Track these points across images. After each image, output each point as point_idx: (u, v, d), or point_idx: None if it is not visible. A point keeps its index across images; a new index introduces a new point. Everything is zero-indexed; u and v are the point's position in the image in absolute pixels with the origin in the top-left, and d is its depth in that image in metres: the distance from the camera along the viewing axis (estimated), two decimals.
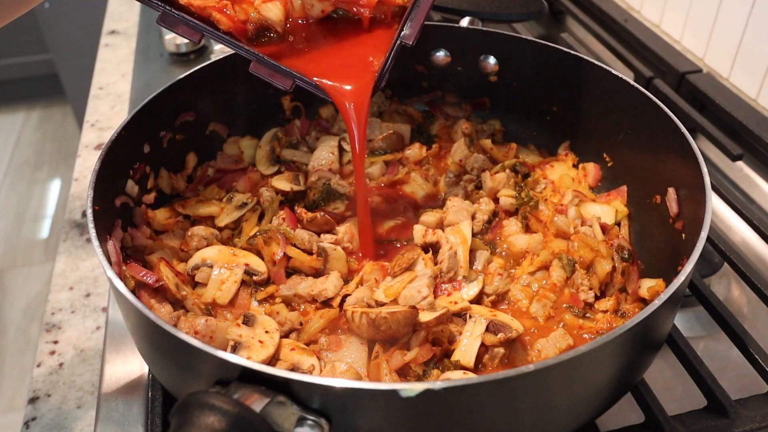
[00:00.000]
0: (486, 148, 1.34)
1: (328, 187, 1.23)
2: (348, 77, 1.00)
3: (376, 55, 1.01)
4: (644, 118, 1.12)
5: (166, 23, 0.96)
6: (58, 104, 4.67)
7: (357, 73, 1.00)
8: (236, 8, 0.98)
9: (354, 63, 1.02)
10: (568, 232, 1.15)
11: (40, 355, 1.10)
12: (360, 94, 1.00)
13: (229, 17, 0.97)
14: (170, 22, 0.96)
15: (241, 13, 0.98)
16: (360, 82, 1.00)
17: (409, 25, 0.98)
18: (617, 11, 1.82)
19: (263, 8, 0.99)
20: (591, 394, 0.82)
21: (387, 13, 1.03)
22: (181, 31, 0.96)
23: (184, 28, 0.96)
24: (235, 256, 1.08)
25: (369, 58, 1.01)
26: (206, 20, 0.97)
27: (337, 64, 1.01)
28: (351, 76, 1.00)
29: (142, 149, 1.13)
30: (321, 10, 1.02)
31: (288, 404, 0.67)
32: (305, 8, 1.01)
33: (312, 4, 1.01)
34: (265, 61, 0.98)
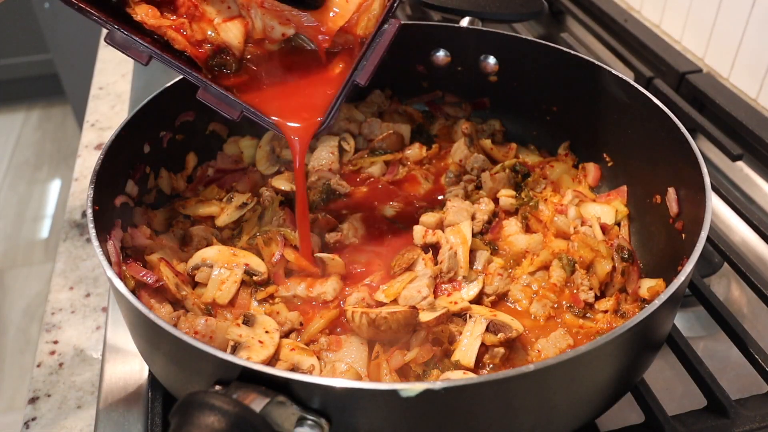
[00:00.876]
0: (486, 148, 1.34)
1: (328, 187, 1.23)
2: (295, 116, 1.00)
3: (327, 91, 1.00)
4: (644, 118, 1.12)
5: (114, 43, 0.91)
6: (58, 104, 4.67)
7: (304, 113, 1.00)
8: (194, 27, 0.95)
9: (303, 101, 1.01)
10: (568, 232, 1.15)
11: (40, 355, 1.10)
12: (304, 132, 1.00)
13: (186, 37, 0.94)
14: (118, 42, 0.91)
15: (198, 33, 0.95)
16: (307, 122, 0.99)
17: (363, 65, 0.97)
18: (617, 11, 1.82)
19: (222, 28, 0.96)
20: (591, 394, 0.82)
21: (345, 46, 1.02)
22: (130, 53, 0.92)
23: (132, 50, 0.91)
24: (235, 256, 1.08)
25: (319, 94, 1.00)
26: (159, 40, 0.94)
27: (286, 100, 1.01)
28: (298, 115, 1.00)
29: (142, 149, 1.13)
30: (282, 33, 0.99)
31: (288, 404, 0.68)
32: (266, 31, 0.99)
33: (273, 27, 0.98)
34: (213, 89, 0.95)
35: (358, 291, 1.05)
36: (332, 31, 0.99)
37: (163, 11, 0.94)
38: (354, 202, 1.25)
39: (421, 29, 1.35)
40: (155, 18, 0.93)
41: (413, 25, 1.35)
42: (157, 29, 0.93)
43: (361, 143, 1.38)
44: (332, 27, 0.98)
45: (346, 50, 1.02)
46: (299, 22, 0.99)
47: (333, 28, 0.98)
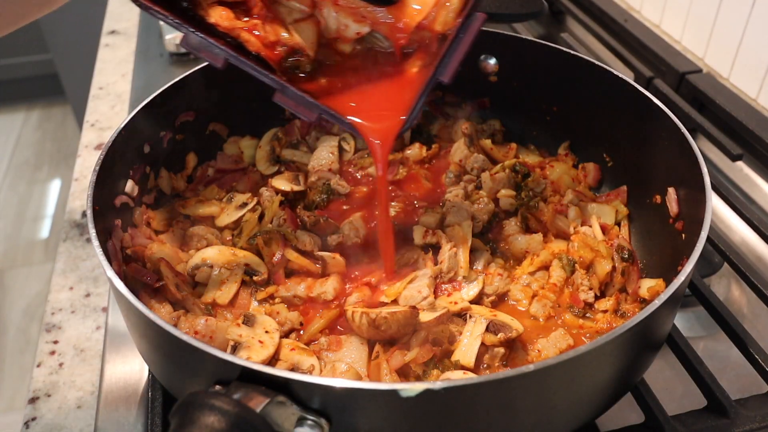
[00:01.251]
0: (486, 148, 1.34)
1: (328, 187, 1.23)
2: (376, 117, 0.95)
3: (406, 90, 0.96)
4: (644, 118, 1.12)
5: (189, 45, 0.89)
6: (58, 104, 4.67)
7: (386, 113, 0.95)
8: (267, 28, 0.93)
9: (382, 101, 0.96)
10: (568, 232, 1.15)
11: (40, 355, 1.10)
12: (387, 133, 0.95)
13: (259, 38, 0.92)
14: (194, 45, 0.89)
15: (271, 34, 0.93)
16: (389, 122, 0.95)
17: (446, 62, 0.92)
18: (617, 11, 1.82)
19: (295, 29, 0.94)
20: (591, 394, 0.82)
21: (420, 42, 0.97)
22: (204, 55, 0.90)
23: (207, 52, 0.90)
24: (235, 256, 1.08)
25: (398, 94, 0.95)
26: (231, 43, 0.91)
27: (364, 101, 0.96)
28: (380, 116, 0.95)
29: (142, 149, 1.13)
30: (356, 32, 0.96)
31: (288, 404, 0.68)
32: (339, 30, 0.96)
33: (347, 25, 0.95)
34: (291, 91, 0.92)
35: (358, 291, 1.05)
36: (410, 28, 0.95)
37: (235, 13, 0.92)
38: (354, 202, 1.25)
39: None
40: (229, 20, 0.91)
41: None
42: (231, 31, 0.91)
43: (361, 143, 1.38)
44: (410, 23, 0.95)
45: (421, 47, 0.98)
46: (375, 19, 0.95)
47: (411, 24, 0.95)
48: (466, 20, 0.92)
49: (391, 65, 0.99)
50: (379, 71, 0.99)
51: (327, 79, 0.97)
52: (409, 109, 0.93)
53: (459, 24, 0.92)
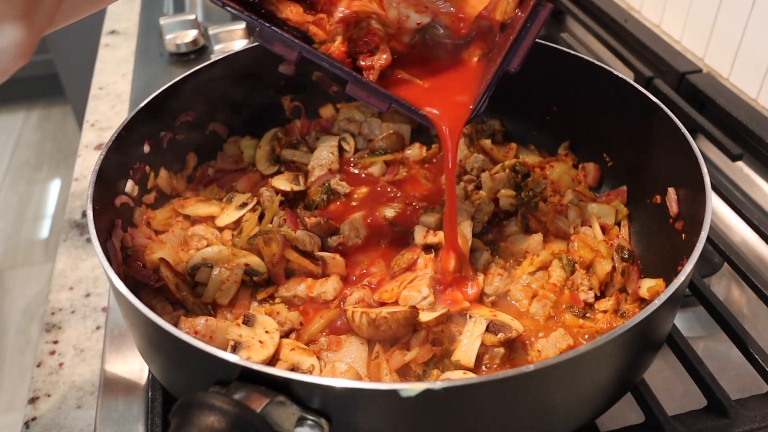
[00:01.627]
0: (486, 148, 1.34)
1: (328, 187, 1.23)
2: (443, 106, 0.97)
3: (472, 80, 0.98)
4: (644, 118, 1.12)
5: (263, 38, 0.92)
6: (58, 104, 4.67)
7: (455, 102, 0.97)
8: (332, 21, 0.95)
9: (451, 90, 0.98)
10: (568, 232, 1.15)
11: (40, 355, 1.10)
12: (456, 121, 0.97)
13: (327, 32, 0.94)
14: (267, 38, 0.92)
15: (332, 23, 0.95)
16: (458, 111, 0.96)
17: (514, 52, 0.94)
18: (617, 11, 1.82)
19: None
20: (591, 394, 0.82)
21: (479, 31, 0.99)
22: (278, 48, 0.92)
23: (280, 45, 0.92)
24: (235, 256, 1.08)
25: (467, 83, 0.98)
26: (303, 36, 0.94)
27: (431, 91, 0.98)
28: (449, 105, 0.97)
29: (142, 149, 1.13)
30: (417, 22, 0.97)
31: (288, 404, 0.68)
32: (400, 21, 0.97)
33: (408, 16, 0.96)
34: (364, 82, 0.94)
35: (358, 291, 1.05)
36: (471, 17, 0.96)
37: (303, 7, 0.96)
38: (354, 202, 1.25)
39: None
40: (299, 15, 0.93)
41: None
42: (301, 26, 0.94)
43: (361, 143, 1.38)
44: (471, 13, 0.96)
45: (479, 36, 1.00)
46: (436, 10, 0.97)
47: (472, 14, 0.96)
48: (534, 10, 0.95)
49: (450, 56, 1.01)
50: (441, 62, 1.01)
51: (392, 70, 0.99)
52: (477, 97, 0.96)
53: (527, 14, 0.94)
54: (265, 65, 1.31)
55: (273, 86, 1.36)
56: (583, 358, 0.71)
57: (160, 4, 2.16)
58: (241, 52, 1.26)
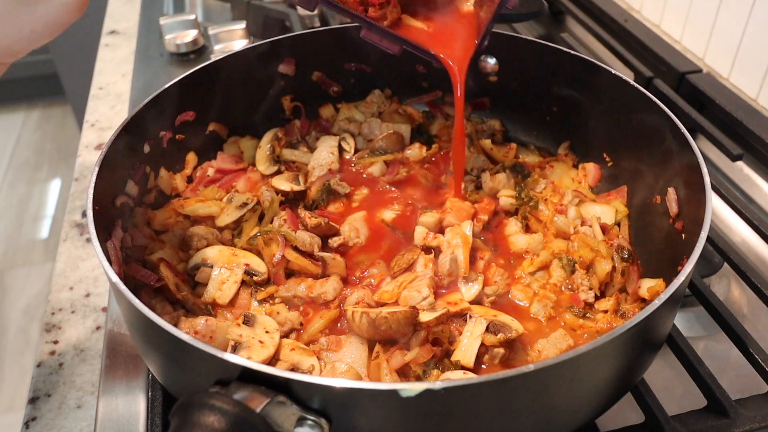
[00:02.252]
0: (486, 148, 1.34)
1: (328, 187, 1.23)
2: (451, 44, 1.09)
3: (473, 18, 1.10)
4: (644, 118, 1.12)
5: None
6: (58, 104, 4.67)
7: (459, 38, 1.10)
8: None
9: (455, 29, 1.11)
10: (568, 232, 1.15)
11: (40, 355, 1.10)
12: (463, 56, 1.09)
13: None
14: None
15: None
16: (462, 46, 1.09)
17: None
18: (617, 11, 1.82)
19: None
20: (591, 394, 0.82)
21: None
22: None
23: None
24: (235, 256, 1.08)
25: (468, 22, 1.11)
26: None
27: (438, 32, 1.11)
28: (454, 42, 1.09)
29: (142, 149, 1.13)
30: None
31: (288, 404, 0.67)
32: None
33: None
34: (377, 27, 1.05)
35: (359, 291, 1.05)
36: None
37: None
38: (354, 203, 1.25)
39: None
40: None
41: None
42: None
43: (361, 143, 1.38)
44: None
45: None
46: None
47: None
48: None
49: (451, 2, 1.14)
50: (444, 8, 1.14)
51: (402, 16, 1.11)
52: (480, 32, 1.08)
53: None
54: (265, 65, 1.31)
55: (273, 86, 1.36)
56: (583, 358, 0.71)
57: (160, 4, 2.16)
58: (241, 52, 1.26)
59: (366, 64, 1.39)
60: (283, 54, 1.33)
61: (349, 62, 1.39)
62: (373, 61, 1.39)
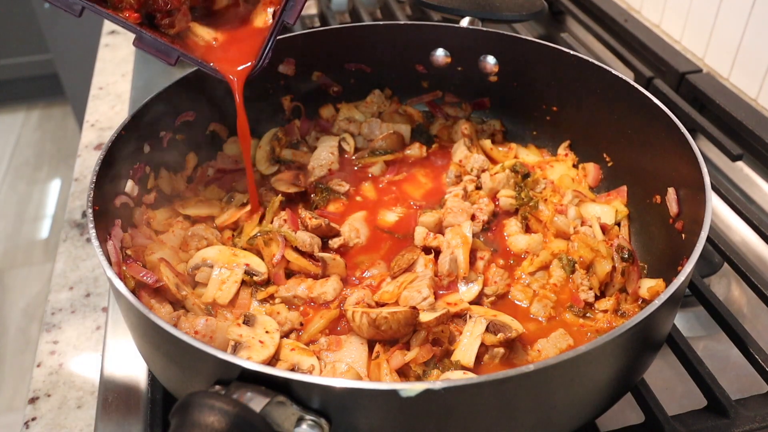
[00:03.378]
0: (486, 148, 1.34)
1: (328, 187, 1.23)
2: (230, 61, 1.07)
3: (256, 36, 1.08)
4: (644, 118, 1.12)
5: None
6: (58, 104, 4.67)
7: (238, 57, 1.08)
8: None
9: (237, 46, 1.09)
10: (568, 232, 1.15)
11: (40, 355, 1.10)
12: (240, 74, 1.08)
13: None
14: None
15: None
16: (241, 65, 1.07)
17: (291, 4, 1.03)
18: (617, 11, 1.82)
19: None
20: (591, 394, 0.82)
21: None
22: (60, 5, 0.95)
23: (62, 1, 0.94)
24: (236, 256, 1.08)
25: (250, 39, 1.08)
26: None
27: (221, 46, 1.08)
28: (233, 60, 1.08)
29: (142, 149, 1.13)
30: None
31: (288, 404, 0.67)
32: None
33: None
34: (148, 37, 1.00)
35: (359, 291, 1.05)
36: None
37: None
38: (354, 202, 1.25)
39: (421, 29, 1.35)
40: None
41: (413, 25, 1.35)
42: None
43: (361, 143, 1.38)
44: None
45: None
46: None
47: None
48: None
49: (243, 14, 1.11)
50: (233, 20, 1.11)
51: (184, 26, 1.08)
52: (258, 51, 1.07)
53: None
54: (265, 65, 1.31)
55: (273, 86, 1.36)
56: (583, 358, 0.71)
57: None
58: None
59: (366, 64, 1.39)
60: (283, 54, 1.33)
61: (349, 62, 1.39)
62: (373, 61, 1.39)
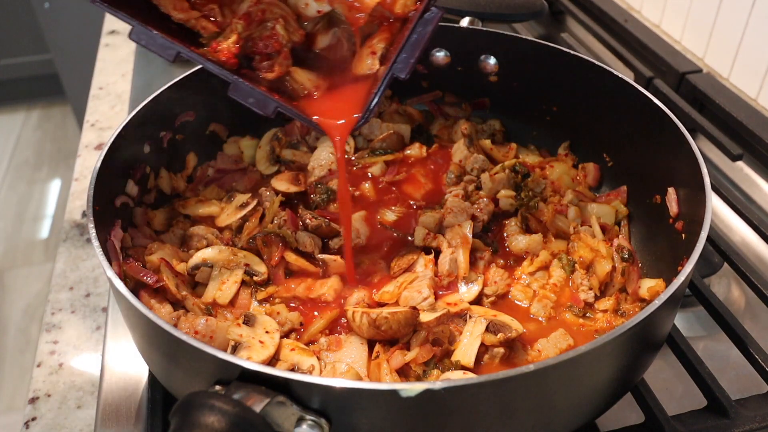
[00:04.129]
0: (486, 148, 1.34)
1: (328, 187, 1.23)
2: (331, 113, 0.96)
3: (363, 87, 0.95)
4: (644, 118, 1.12)
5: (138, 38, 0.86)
6: (58, 104, 4.67)
7: (341, 110, 0.96)
8: (225, 12, 0.91)
9: (340, 97, 0.97)
10: (568, 232, 1.15)
11: (40, 355, 1.10)
12: (342, 129, 0.96)
13: (216, 24, 0.90)
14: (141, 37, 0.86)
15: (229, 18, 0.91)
16: (344, 119, 0.96)
17: (403, 58, 0.91)
18: (617, 11, 1.82)
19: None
20: (591, 394, 0.82)
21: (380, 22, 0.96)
22: (154, 50, 0.87)
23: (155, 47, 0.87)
24: (235, 256, 1.08)
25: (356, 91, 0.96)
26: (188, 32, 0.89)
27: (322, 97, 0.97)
28: (335, 112, 0.96)
29: (142, 149, 1.13)
30: (317, 10, 0.95)
31: (288, 404, 0.68)
32: (299, 8, 0.94)
33: (307, 3, 0.94)
34: (244, 86, 0.90)
35: (359, 291, 1.05)
36: (369, 7, 0.93)
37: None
38: (354, 202, 1.24)
39: None
40: (183, 11, 0.88)
41: None
42: (186, 22, 0.90)
43: (361, 143, 1.38)
44: (369, 2, 0.93)
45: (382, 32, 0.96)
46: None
47: (370, 3, 0.93)
48: (423, 14, 0.91)
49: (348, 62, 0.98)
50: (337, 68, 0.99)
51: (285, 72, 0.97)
52: (365, 105, 0.94)
53: (416, 16, 0.91)
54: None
55: None
56: (583, 358, 0.71)
57: None
58: None
59: None
60: None
61: None
62: None
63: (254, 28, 0.92)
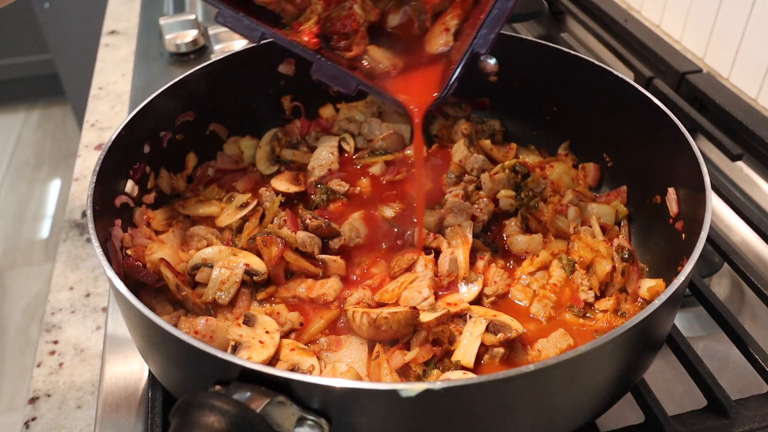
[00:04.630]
0: (486, 148, 1.33)
1: (328, 187, 1.23)
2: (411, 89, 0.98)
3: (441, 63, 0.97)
4: (644, 118, 1.12)
5: (224, 21, 0.90)
6: (58, 104, 4.67)
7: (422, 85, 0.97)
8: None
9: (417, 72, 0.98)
10: (568, 232, 1.15)
11: (40, 355, 1.10)
12: (421, 105, 0.98)
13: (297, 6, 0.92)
14: (228, 20, 0.90)
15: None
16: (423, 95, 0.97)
17: (483, 33, 0.92)
18: (617, 11, 1.82)
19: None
20: (591, 394, 0.82)
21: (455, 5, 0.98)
22: (239, 32, 0.91)
23: (241, 28, 0.90)
24: (235, 256, 1.08)
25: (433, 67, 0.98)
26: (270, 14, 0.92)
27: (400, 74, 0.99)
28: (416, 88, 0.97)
29: (142, 149, 1.13)
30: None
31: (288, 404, 0.68)
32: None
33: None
34: (327, 65, 0.93)
35: (359, 291, 1.05)
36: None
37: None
38: (354, 202, 1.24)
39: None
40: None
41: None
42: (268, 4, 0.92)
43: (361, 143, 1.38)
44: None
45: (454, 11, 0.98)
46: None
47: None
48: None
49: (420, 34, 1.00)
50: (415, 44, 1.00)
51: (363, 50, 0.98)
52: (443, 81, 0.96)
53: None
54: (265, 65, 1.31)
55: (273, 86, 1.36)
56: (583, 358, 0.71)
57: (160, 4, 2.16)
58: (241, 52, 1.27)
59: None
60: (283, 54, 1.33)
61: None
62: None
63: (333, 8, 0.94)
